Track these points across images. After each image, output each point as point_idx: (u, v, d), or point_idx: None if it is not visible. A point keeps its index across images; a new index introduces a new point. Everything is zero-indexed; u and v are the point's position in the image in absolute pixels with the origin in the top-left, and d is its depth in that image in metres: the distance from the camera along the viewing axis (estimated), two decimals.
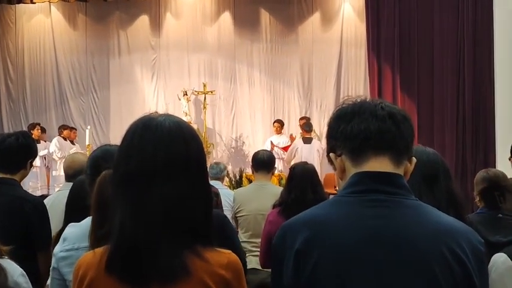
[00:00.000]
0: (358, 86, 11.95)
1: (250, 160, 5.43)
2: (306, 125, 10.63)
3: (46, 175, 11.21)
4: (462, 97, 9.97)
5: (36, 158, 11.12)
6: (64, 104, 12.98)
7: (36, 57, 13.08)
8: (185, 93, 12.08)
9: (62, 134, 11.33)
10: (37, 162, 10.81)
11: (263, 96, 12.52)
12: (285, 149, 10.76)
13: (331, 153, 1.59)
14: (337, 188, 2.19)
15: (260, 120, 12.53)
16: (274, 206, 4.31)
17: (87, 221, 2.09)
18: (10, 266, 2.01)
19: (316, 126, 11.53)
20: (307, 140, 10.39)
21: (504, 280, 1.99)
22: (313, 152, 10.13)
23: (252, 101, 12.57)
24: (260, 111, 12.54)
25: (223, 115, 12.66)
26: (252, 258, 4.72)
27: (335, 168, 1.59)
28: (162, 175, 1.47)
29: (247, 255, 4.57)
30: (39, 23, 13.05)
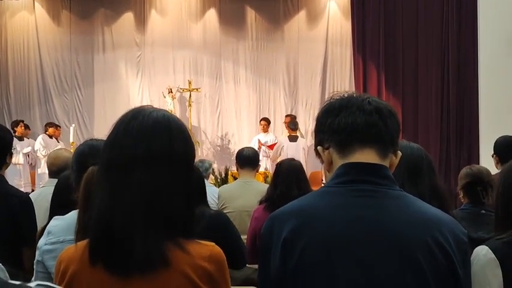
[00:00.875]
0: (343, 84, 11.99)
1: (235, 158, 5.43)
2: (291, 123, 10.65)
3: (30, 173, 11.11)
4: (446, 94, 10.08)
5: (19, 155, 10.90)
6: (48, 102, 12.83)
7: (19, 53, 12.92)
8: (170, 90, 12.03)
9: (47, 132, 11.23)
10: (20, 159, 10.71)
11: (249, 93, 12.50)
12: (271, 147, 10.76)
13: (318, 146, 1.61)
14: (324, 183, 2.21)
15: (245, 118, 12.51)
16: (260, 202, 4.33)
17: (72, 214, 2.08)
18: None
19: (301, 124, 11.55)
20: (292, 138, 10.42)
21: (486, 272, 2.01)
22: (298, 150, 10.15)
23: (238, 99, 12.54)
24: (246, 109, 12.52)
25: (208, 113, 12.61)
26: None
27: (322, 161, 1.61)
28: (142, 165, 1.46)
29: None
30: (22, 20, 12.90)
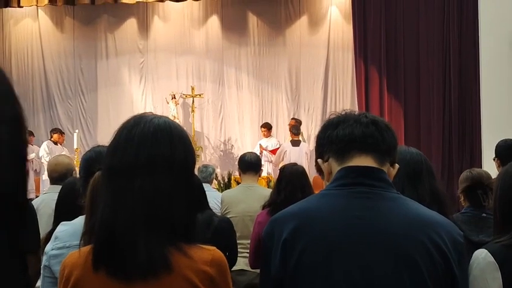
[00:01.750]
0: (345, 89, 12.01)
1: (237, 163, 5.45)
2: (294, 128, 10.66)
3: (34, 179, 11.13)
4: (448, 98, 10.07)
5: None
6: (52, 108, 12.91)
7: (23, 60, 13.00)
8: (173, 96, 12.07)
9: (52, 138, 11.28)
10: None
11: (251, 99, 12.53)
12: (274, 152, 10.77)
13: (319, 159, 1.68)
14: None
15: (248, 123, 12.53)
16: (263, 207, 4.34)
17: (79, 220, 2.11)
18: None
19: (304, 129, 11.55)
20: (295, 143, 10.43)
21: (485, 276, 2.02)
22: (301, 155, 10.16)
23: (240, 104, 12.57)
24: (248, 114, 12.54)
25: (211, 118, 12.65)
26: (240, 259, 4.69)
27: (323, 176, 1.67)
28: (143, 171, 1.48)
29: None
30: (26, 27, 12.99)
